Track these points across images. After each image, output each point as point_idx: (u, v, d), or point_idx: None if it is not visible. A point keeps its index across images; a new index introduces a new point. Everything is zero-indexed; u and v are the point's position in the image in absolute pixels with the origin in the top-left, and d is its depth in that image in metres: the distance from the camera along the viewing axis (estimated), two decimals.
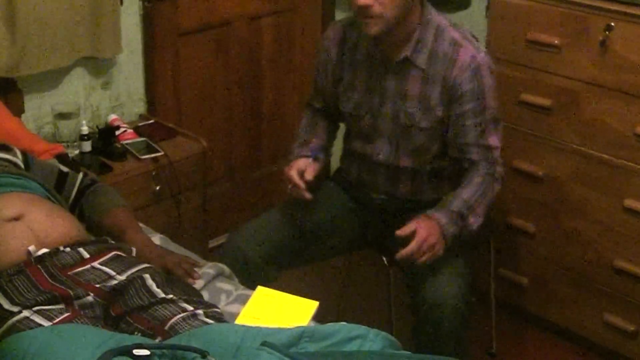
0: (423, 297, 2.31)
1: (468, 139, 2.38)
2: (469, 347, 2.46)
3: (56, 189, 2.28)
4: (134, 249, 2.12)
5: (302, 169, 2.42)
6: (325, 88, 2.56)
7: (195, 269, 2.15)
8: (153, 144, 3.02)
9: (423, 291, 2.32)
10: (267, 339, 1.63)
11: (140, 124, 3.16)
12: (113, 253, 2.03)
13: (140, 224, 2.32)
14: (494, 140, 2.41)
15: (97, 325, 1.80)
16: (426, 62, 2.34)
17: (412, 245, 2.23)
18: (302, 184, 2.39)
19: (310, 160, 2.46)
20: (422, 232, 2.24)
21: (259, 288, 2.00)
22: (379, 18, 2.23)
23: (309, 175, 2.40)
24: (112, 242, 2.14)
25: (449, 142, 2.42)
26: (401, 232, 2.26)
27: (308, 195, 2.39)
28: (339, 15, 3.76)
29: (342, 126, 2.66)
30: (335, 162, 2.79)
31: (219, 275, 2.19)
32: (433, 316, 2.30)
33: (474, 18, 3.30)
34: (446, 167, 2.52)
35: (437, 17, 2.36)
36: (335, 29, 2.50)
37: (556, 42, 2.78)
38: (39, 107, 2.98)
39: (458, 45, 2.33)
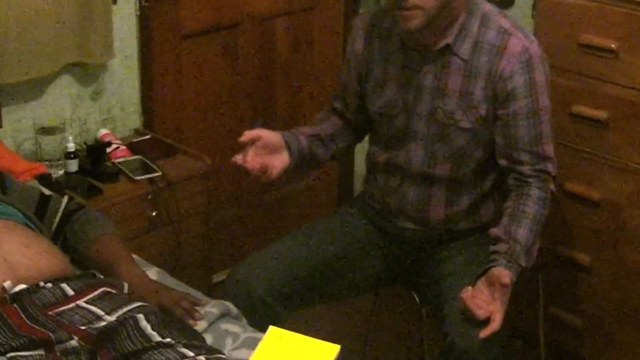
0: (451, 342, 2.28)
1: (519, 144, 2.35)
2: None
3: (37, 215, 2.27)
4: (125, 285, 2.12)
5: (259, 136, 2.45)
6: (347, 85, 2.56)
7: (197, 307, 2.15)
8: (149, 163, 3.03)
9: (451, 335, 2.28)
10: None
11: (135, 140, 3.18)
12: (102, 290, 2.02)
13: (134, 256, 2.32)
14: (549, 150, 2.39)
15: None
16: (469, 53, 2.34)
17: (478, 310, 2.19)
18: (248, 137, 2.42)
19: (279, 138, 2.50)
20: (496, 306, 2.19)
21: (271, 329, 1.95)
22: (418, 10, 2.23)
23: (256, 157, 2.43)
24: (101, 276, 2.14)
25: (497, 148, 2.40)
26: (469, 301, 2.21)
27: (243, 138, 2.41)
28: None
29: (363, 143, 2.64)
30: (358, 187, 2.77)
31: (225, 315, 2.19)
32: None
33: (519, 18, 3.29)
34: (488, 179, 2.49)
35: (484, 4, 2.37)
36: (362, 18, 2.52)
37: (613, 46, 2.77)
38: (18, 121, 3.00)
39: (507, 34, 2.32)
